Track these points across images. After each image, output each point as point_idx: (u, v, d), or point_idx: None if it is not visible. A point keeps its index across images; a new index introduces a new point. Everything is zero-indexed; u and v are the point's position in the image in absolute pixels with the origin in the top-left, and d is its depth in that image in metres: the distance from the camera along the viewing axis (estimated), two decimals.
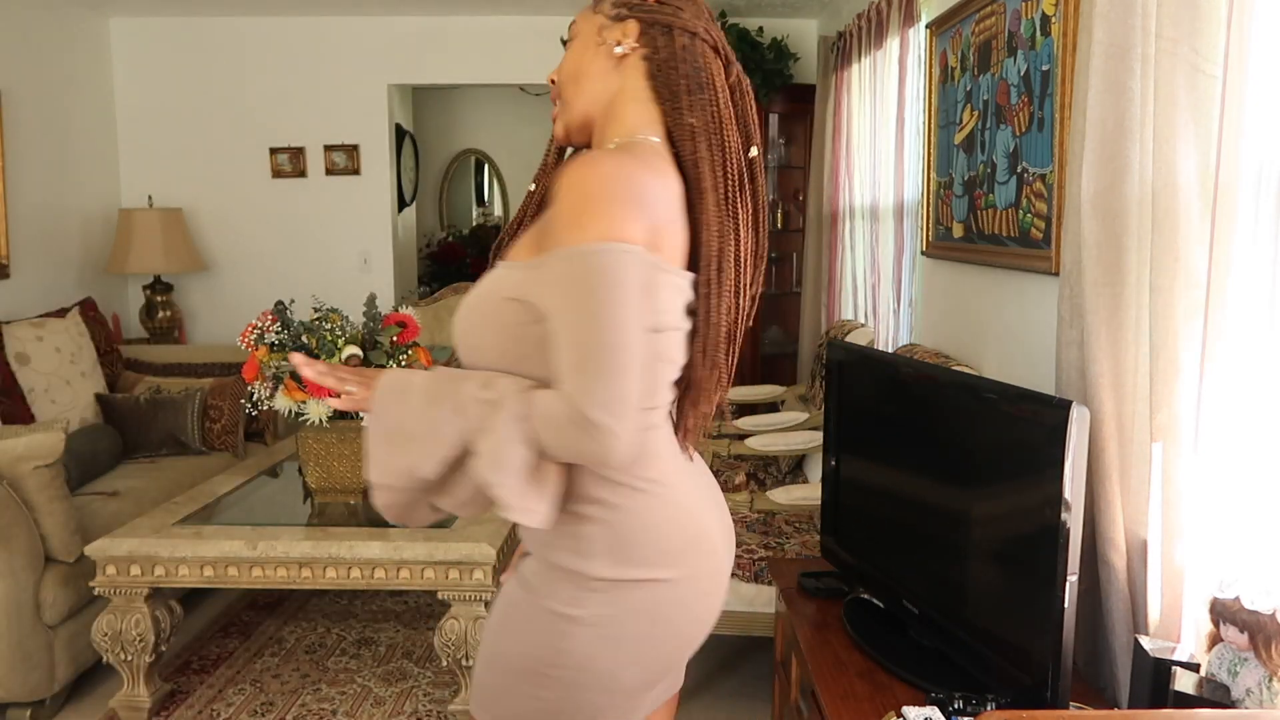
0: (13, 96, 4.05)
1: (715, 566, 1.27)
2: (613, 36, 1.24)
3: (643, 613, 1.20)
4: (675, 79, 1.21)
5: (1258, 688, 1.43)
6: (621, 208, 1.05)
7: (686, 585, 1.23)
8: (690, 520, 1.24)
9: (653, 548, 1.19)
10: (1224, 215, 1.56)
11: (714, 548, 1.27)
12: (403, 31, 5.02)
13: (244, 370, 2.82)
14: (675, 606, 1.22)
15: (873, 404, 2.24)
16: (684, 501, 1.23)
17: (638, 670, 1.23)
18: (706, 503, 1.29)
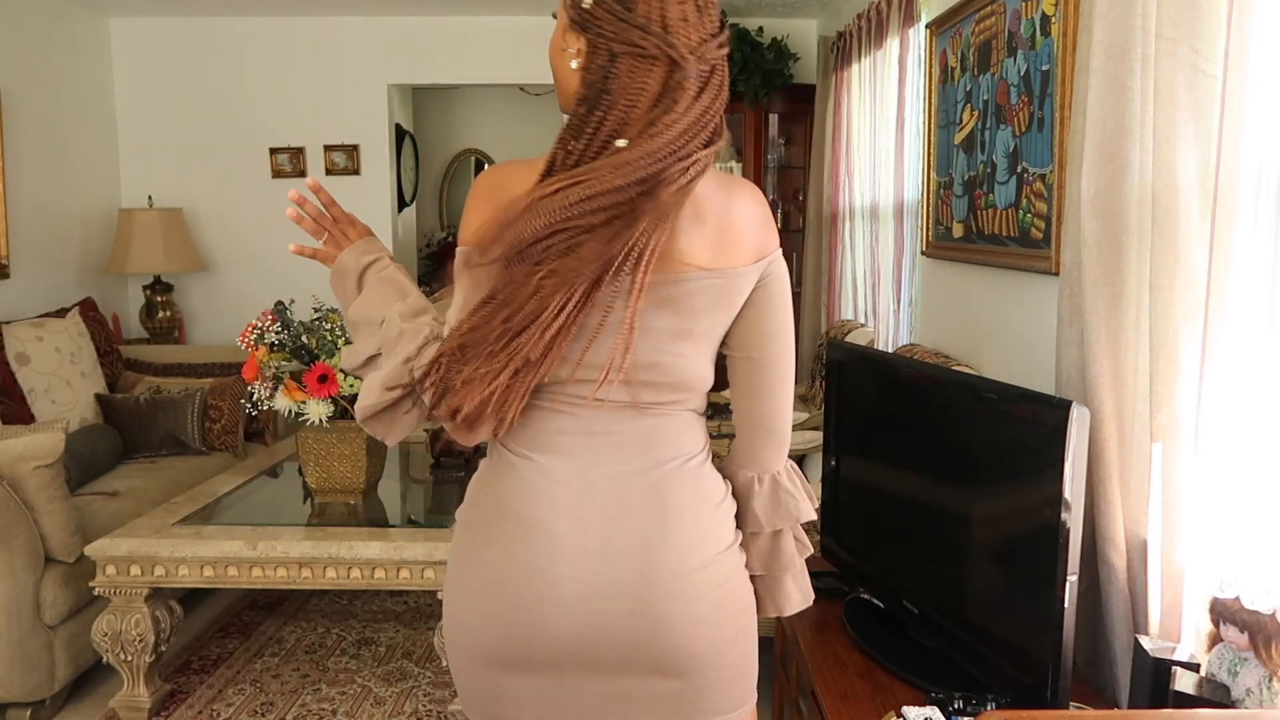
0: (13, 96, 4.05)
1: (547, 557, 1.17)
2: (572, 44, 1.16)
3: (469, 564, 1.23)
4: (594, 112, 1.12)
5: (1258, 688, 1.43)
6: (471, 211, 1.18)
7: (463, 545, 1.25)
8: (534, 502, 1.18)
9: (489, 500, 1.24)
10: (1224, 215, 1.56)
11: (553, 540, 1.17)
12: (403, 31, 5.02)
13: (244, 370, 2.82)
14: (495, 570, 1.20)
15: (873, 404, 2.24)
16: (502, 478, 1.22)
17: (467, 633, 1.23)
18: (547, 508, 1.18)
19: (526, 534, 1.19)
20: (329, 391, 2.74)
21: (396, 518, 2.97)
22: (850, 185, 4.07)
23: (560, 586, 1.17)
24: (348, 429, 2.87)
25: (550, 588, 1.17)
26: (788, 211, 5.11)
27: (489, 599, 1.20)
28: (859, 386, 2.27)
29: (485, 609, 1.21)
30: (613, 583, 1.17)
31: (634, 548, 1.18)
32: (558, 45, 1.20)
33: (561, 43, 1.19)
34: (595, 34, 1.13)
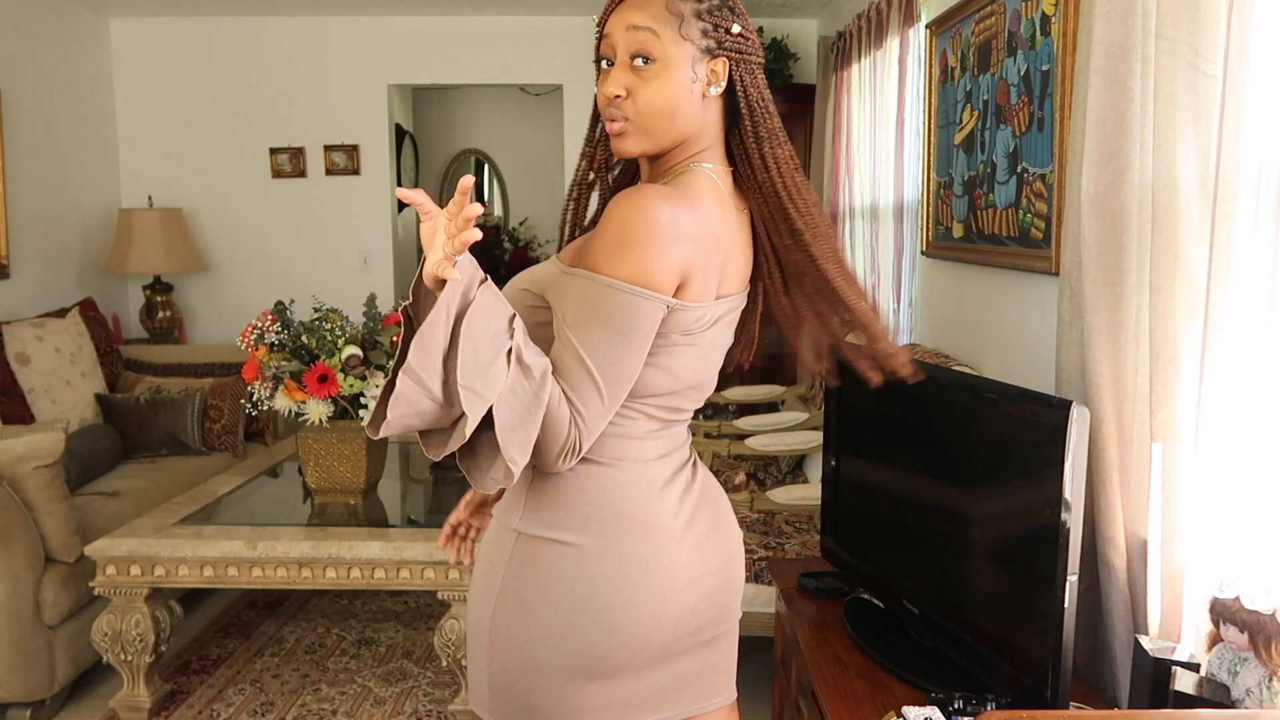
0: (13, 96, 4.05)
1: (660, 553, 1.21)
2: (704, 73, 1.20)
3: (556, 578, 1.19)
4: (769, 120, 1.23)
5: (1258, 688, 1.43)
6: (656, 249, 1.11)
7: (602, 557, 1.18)
8: (638, 501, 1.21)
9: (572, 510, 1.20)
10: (1224, 215, 1.56)
11: (659, 535, 1.21)
12: (403, 31, 5.02)
13: (244, 370, 2.82)
14: (583, 575, 1.18)
15: (873, 404, 2.24)
16: (626, 482, 1.21)
17: (551, 646, 1.19)
18: (671, 500, 1.24)
19: (643, 538, 1.22)
20: (329, 391, 2.74)
21: (396, 518, 2.97)
22: (850, 185, 4.07)
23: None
24: (348, 429, 2.87)
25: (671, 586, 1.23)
26: None
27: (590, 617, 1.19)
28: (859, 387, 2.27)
29: (584, 633, 1.19)
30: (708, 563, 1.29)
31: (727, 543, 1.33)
32: (683, 82, 1.19)
33: (691, 75, 1.20)
34: (738, 55, 1.22)
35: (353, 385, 2.78)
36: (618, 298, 1.11)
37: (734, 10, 1.22)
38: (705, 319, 1.20)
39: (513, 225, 7.16)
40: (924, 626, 1.93)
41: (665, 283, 1.13)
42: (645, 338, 1.14)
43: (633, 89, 1.19)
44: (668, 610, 1.22)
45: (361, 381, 2.79)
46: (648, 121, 1.20)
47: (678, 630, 1.24)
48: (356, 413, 2.83)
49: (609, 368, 1.12)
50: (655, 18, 1.18)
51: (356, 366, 2.79)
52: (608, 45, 1.21)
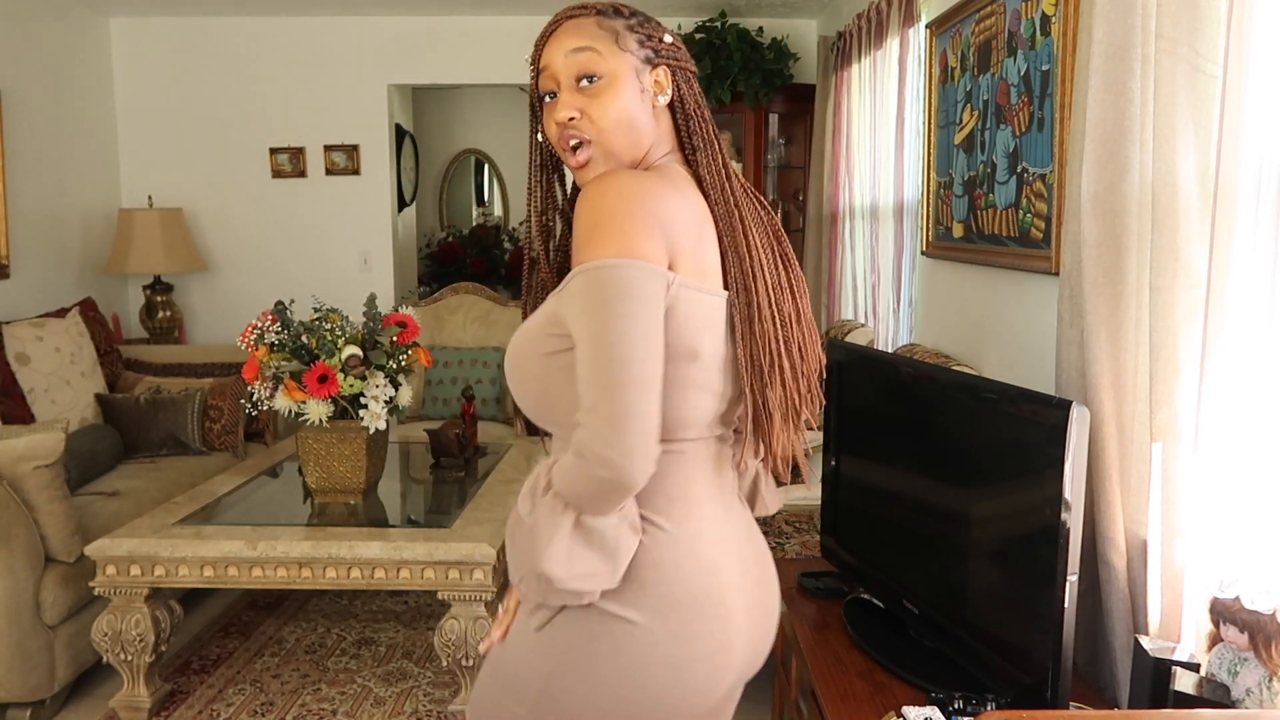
0: (13, 96, 4.05)
1: (720, 631, 1.16)
2: (650, 83, 1.20)
3: (609, 652, 1.13)
4: (705, 128, 1.22)
5: (1258, 688, 1.43)
6: (637, 223, 1.06)
7: (672, 641, 1.13)
8: (710, 575, 1.16)
9: (646, 586, 1.13)
10: (1224, 215, 1.56)
11: (723, 610, 1.16)
12: (403, 31, 5.02)
13: (244, 370, 2.82)
14: (648, 660, 1.13)
15: (873, 404, 2.24)
16: (694, 552, 1.15)
17: (600, 717, 1.15)
18: (730, 561, 1.20)
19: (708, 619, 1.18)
20: (329, 391, 2.74)
21: (396, 518, 2.97)
22: (850, 185, 4.07)
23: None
24: (348, 429, 2.87)
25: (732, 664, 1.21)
26: (788, 211, 5.11)
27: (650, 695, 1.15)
28: (859, 386, 2.27)
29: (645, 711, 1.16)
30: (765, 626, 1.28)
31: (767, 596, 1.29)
32: (632, 92, 1.18)
33: (638, 85, 1.19)
34: (675, 64, 1.22)
35: (353, 385, 2.78)
36: (609, 275, 1.03)
37: (659, 25, 1.24)
38: (716, 317, 1.14)
39: (513, 225, 7.16)
40: (924, 626, 1.93)
41: (655, 256, 1.06)
42: (652, 313, 1.05)
43: (585, 109, 1.17)
44: (724, 678, 1.19)
45: (361, 381, 2.79)
46: (609, 138, 1.17)
47: (735, 684, 1.24)
48: (356, 413, 2.83)
49: (620, 354, 1.02)
50: (591, 36, 1.18)
51: (356, 366, 2.79)
52: (548, 78, 1.19)
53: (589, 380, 1.04)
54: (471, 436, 3.46)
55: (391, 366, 2.85)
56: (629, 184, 1.09)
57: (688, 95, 1.23)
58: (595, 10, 1.21)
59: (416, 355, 2.93)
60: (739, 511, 1.27)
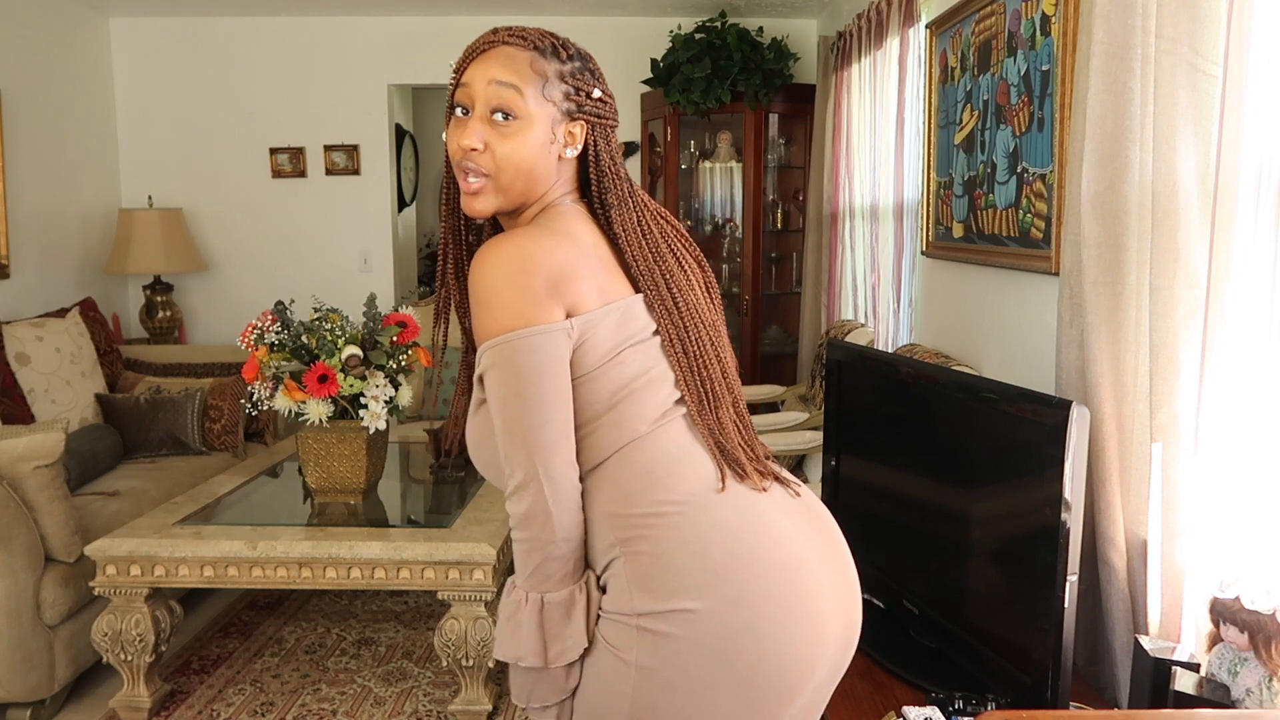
0: (13, 96, 4.05)
1: (794, 583, 1.14)
2: (562, 135, 1.21)
3: (691, 650, 1.10)
4: (619, 184, 1.24)
5: (1258, 688, 1.43)
6: (528, 293, 1.10)
7: (730, 613, 1.11)
8: (747, 534, 1.14)
9: (675, 576, 1.12)
10: (1224, 215, 1.56)
11: (791, 562, 1.15)
12: (403, 31, 5.02)
13: (244, 370, 2.82)
14: (728, 640, 1.10)
15: (873, 404, 2.24)
16: (716, 520, 1.14)
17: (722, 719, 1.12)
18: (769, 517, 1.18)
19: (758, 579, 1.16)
20: (329, 391, 2.74)
21: (396, 518, 2.97)
22: (850, 185, 4.07)
23: None
24: (348, 429, 2.87)
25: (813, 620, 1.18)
26: (788, 211, 5.11)
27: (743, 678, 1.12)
28: (859, 386, 2.27)
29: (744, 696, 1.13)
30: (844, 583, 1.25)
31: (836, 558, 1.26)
32: (540, 141, 1.19)
33: (550, 136, 1.20)
34: (595, 119, 1.23)
35: (353, 385, 2.78)
36: (506, 350, 1.10)
37: (594, 74, 1.24)
38: (633, 314, 1.19)
39: None
40: (924, 626, 1.93)
41: (544, 314, 1.11)
42: (555, 369, 1.12)
43: (490, 144, 1.18)
44: (820, 649, 1.15)
45: (361, 381, 2.79)
46: (505, 178, 1.19)
47: (829, 667, 1.18)
48: (356, 413, 2.83)
49: (524, 425, 1.10)
50: (520, 75, 1.17)
51: (356, 366, 2.79)
52: (465, 94, 1.19)
53: (506, 457, 1.13)
54: None
55: (391, 366, 2.85)
56: (514, 252, 1.12)
57: (603, 150, 1.24)
58: (534, 45, 1.19)
59: (416, 355, 2.93)
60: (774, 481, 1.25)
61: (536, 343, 1.10)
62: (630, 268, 1.22)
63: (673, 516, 1.14)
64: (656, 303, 1.21)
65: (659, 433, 1.18)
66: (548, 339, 1.11)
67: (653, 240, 1.24)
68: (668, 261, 1.24)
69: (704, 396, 1.21)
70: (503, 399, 1.11)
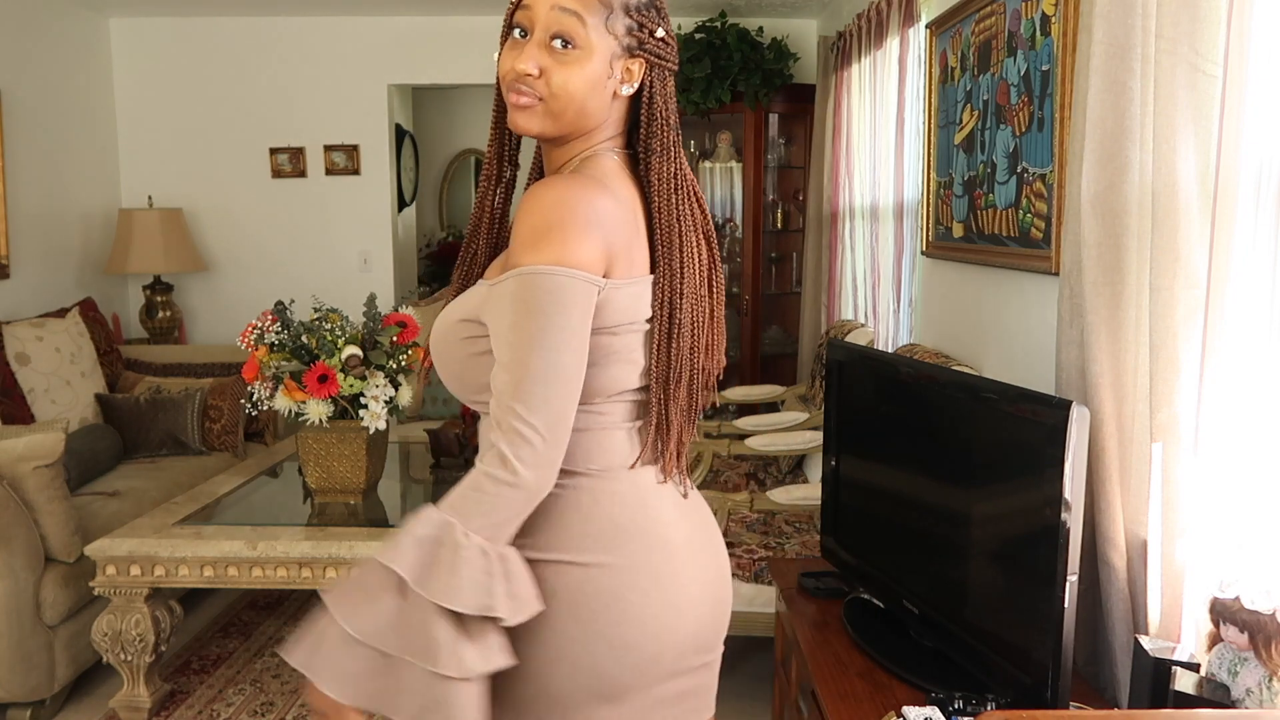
0: (13, 96, 4.05)
1: (665, 561, 1.19)
2: (620, 71, 1.18)
3: (554, 602, 1.13)
4: (667, 132, 1.20)
5: (1258, 688, 1.43)
6: (575, 232, 1.09)
7: (605, 572, 1.15)
8: (635, 510, 1.19)
9: (561, 531, 1.15)
10: (1224, 215, 1.56)
11: (667, 543, 1.20)
12: (403, 31, 5.02)
13: (244, 370, 2.82)
14: (594, 599, 1.14)
15: (873, 404, 2.24)
16: (615, 492, 1.19)
17: (563, 673, 1.15)
18: (665, 505, 1.23)
19: (651, 550, 1.20)
20: (329, 391, 2.74)
21: (396, 518, 2.97)
22: (850, 185, 4.07)
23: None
24: (348, 429, 2.87)
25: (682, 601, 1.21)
26: (788, 211, 5.11)
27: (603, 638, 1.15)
28: (859, 386, 2.27)
29: (598, 655, 1.15)
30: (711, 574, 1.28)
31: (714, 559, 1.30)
32: (598, 74, 1.16)
33: (608, 70, 1.17)
34: (655, 59, 1.20)
35: (353, 385, 2.78)
36: (546, 283, 1.07)
37: (660, 13, 1.20)
38: (643, 298, 1.18)
39: None
40: (924, 626, 1.93)
41: (592, 263, 1.09)
42: (582, 322, 1.09)
43: (546, 70, 1.15)
44: (680, 622, 1.19)
45: (361, 381, 2.79)
46: (557, 105, 1.16)
47: (688, 644, 1.21)
48: (356, 413, 2.83)
49: (552, 360, 1.07)
50: (585, 4, 1.14)
51: (356, 366, 2.79)
52: (525, 16, 1.16)
53: (523, 391, 1.06)
54: (471, 437, 3.46)
55: (391, 366, 2.85)
56: (570, 191, 1.11)
57: (659, 94, 1.20)
58: None
59: (416, 355, 2.93)
60: (684, 478, 1.30)
61: (579, 288, 1.08)
62: (652, 229, 1.19)
63: (581, 479, 1.17)
64: (664, 266, 1.19)
65: (605, 405, 1.19)
66: (590, 289, 1.09)
67: (682, 196, 1.21)
68: (686, 222, 1.21)
69: (670, 382, 1.19)
70: (532, 336, 1.06)
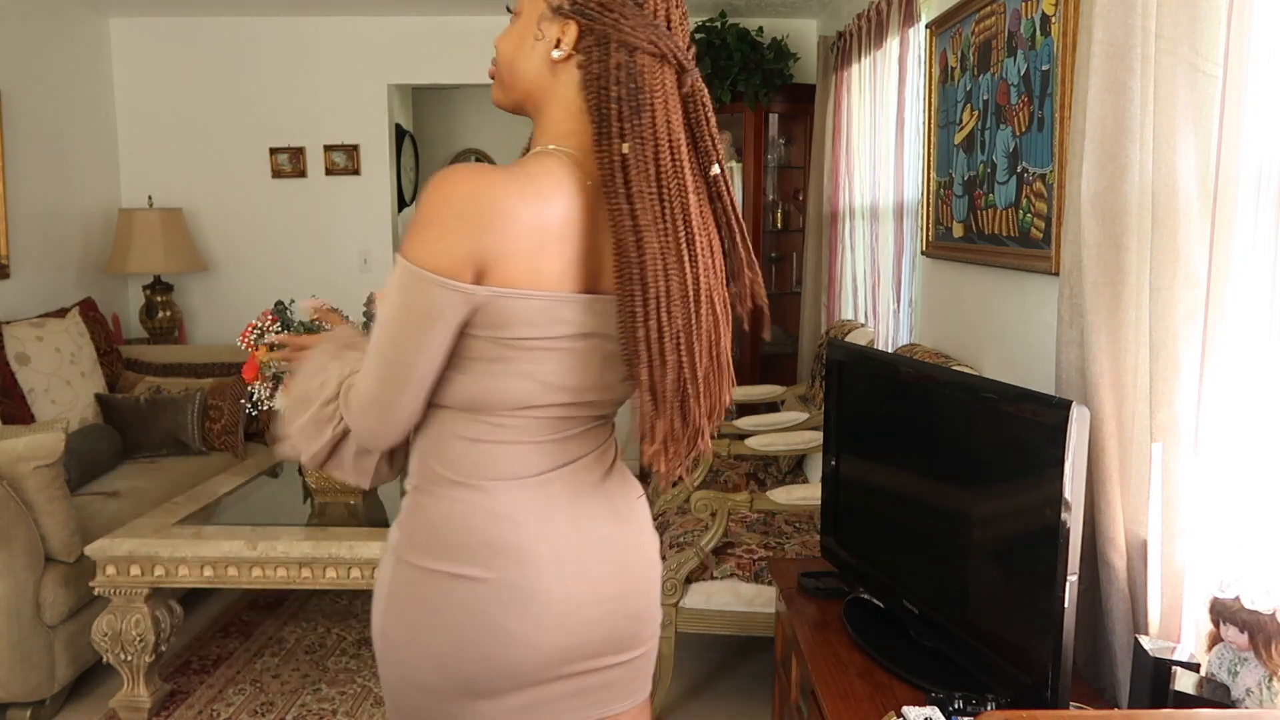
0: (13, 96, 4.05)
1: (523, 577, 1.15)
2: (551, 34, 1.12)
3: (430, 604, 1.17)
4: (607, 101, 1.08)
5: (1258, 688, 1.43)
6: (440, 232, 1.05)
7: (473, 586, 1.15)
8: (509, 527, 1.16)
9: (445, 539, 1.18)
10: (1224, 215, 1.56)
11: (526, 558, 1.15)
12: (403, 31, 5.02)
13: (244, 370, 2.82)
14: (457, 606, 1.16)
15: (873, 404, 2.24)
16: (489, 507, 1.16)
17: (432, 668, 1.17)
18: (544, 522, 1.17)
19: (520, 568, 1.17)
20: None
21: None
22: (850, 185, 4.07)
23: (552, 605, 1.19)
24: None
25: (542, 619, 1.17)
26: (788, 211, 5.11)
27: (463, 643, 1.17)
28: (859, 386, 2.27)
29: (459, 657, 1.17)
30: (594, 591, 1.20)
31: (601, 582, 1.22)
32: (521, 37, 1.15)
33: (535, 31, 1.14)
34: (591, 24, 1.10)
35: None
36: (402, 275, 1.07)
37: None
38: (556, 315, 1.10)
39: None
40: (924, 626, 1.93)
41: (450, 267, 1.05)
42: (425, 322, 1.07)
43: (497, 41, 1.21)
44: (547, 637, 1.16)
45: None
46: (501, 73, 1.20)
47: (556, 657, 1.19)
48: None
49: (389, 352, 1.10)
50: None
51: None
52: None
53: (367, 359, 1.15)
54: None
55: None
56: (460, 186, 1.06)
57: (596, 63, 1.09)
58: None
59: None
60: (594, 494, 1.22)
61: (435, 292, 1.05)
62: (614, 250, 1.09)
63: (462, 490, 1.17)
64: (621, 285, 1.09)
65: (506, 419, 1.15)
66: (446, 295, 1.06)
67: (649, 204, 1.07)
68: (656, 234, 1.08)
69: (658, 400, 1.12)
70: (384, 319, 1.11)
